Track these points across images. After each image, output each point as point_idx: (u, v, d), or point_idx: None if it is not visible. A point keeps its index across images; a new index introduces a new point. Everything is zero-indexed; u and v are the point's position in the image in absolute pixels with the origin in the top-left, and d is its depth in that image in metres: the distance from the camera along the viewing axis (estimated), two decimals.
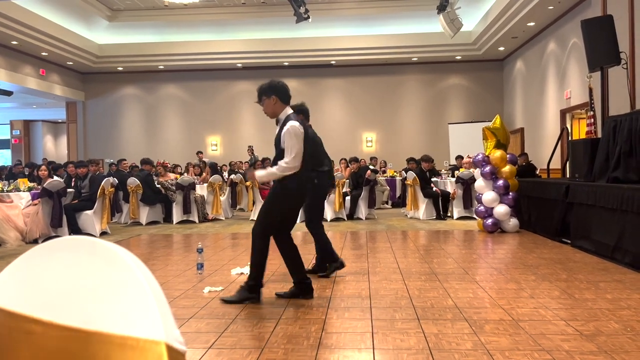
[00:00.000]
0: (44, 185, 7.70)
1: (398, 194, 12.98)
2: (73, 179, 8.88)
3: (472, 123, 14.83)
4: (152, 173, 10.19)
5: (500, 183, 7.79)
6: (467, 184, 9.66)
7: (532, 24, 11.96)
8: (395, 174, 13.61)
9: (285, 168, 3.82)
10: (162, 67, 16.19)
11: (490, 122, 8.47)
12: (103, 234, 8.35)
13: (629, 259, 5.06)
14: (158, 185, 10.05)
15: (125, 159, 12.40)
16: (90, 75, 16.89)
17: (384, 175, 13.56)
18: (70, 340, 0.47)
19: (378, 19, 14.68)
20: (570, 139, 9.90)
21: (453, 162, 13.24)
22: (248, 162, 14.23)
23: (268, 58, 15.55)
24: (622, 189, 5.27)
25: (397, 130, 16.31)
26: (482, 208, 7.97)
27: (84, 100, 17.07)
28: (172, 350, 0.44)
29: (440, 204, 10.05)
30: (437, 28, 12.78)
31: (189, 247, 6.95)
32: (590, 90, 7.72)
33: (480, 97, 16.05)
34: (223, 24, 15.00)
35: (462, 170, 10.24)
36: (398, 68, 16.12)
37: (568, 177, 8.23)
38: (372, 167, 12.35)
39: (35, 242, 7.43)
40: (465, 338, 3.04)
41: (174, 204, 9.92)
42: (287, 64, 16.00)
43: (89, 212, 8.22)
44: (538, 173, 11.15)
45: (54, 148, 22.05)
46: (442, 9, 11.16)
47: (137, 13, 14.68)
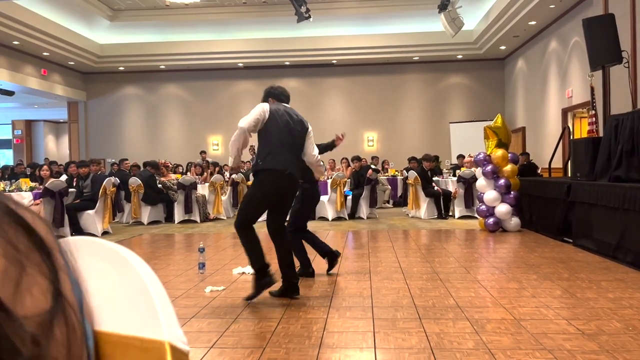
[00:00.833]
0: (46, 185, 7.71)
1: (399, 193, 12.98)
2: (75, 179, 8.89)
3: (473, 122, 14.81)
4: (154, 174, 10.18)
5: (502, 182, 7.79)
6: (468, 183, 9.66)
7: (533, 23, 11.94)
8: (397, 173, 13.60)
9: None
10: (163, 66, 16.19)
11: (492, 121, 8.46)
12: (105, 234, 8.36)
13: (631, 258, 5.06)
14: (160, 185, 10.06)
15: (127, 159, 12.41)
16: (92, 75, 16.90)
17: (386, 175, 13.56)
18: None
19: (379, 18, 14.67)
20: (572, 138, 9.90)
21: (454, 161, 13.24)
22: (249, 161, 14.24)
23: (269, 57, 15.54)
24: (623, 188, 5.26)
25: (398, 130, 16.30)
26: (483, 207, 7.97)
27: (86, 100, 17.08)
28: (175, 350, 0.44)
29: (442, 203, 10.04)
30: (438, 27, 12.76)
31: (191, 246, 6.95)
32: (592, 89, 7.71)
33: (482, 96, 16.03)
34: (224, 24, 15.00)
35: (463, 170, 10.23)
36: (399, 67, 16.10)
37: (570, 176, 8.22)
38: (373, 166, 12.34)
39: None
40: (467, 337, 3.04)
41: (176, 204, 9.93)
42: (288, 64, 15.99)
43: (91, 211, 8.23)
44: (539, 172, 11.13)
45: (56, 148, 22.07)
46: (443, 8, 11.15)
47: (138, 13, 14.69)
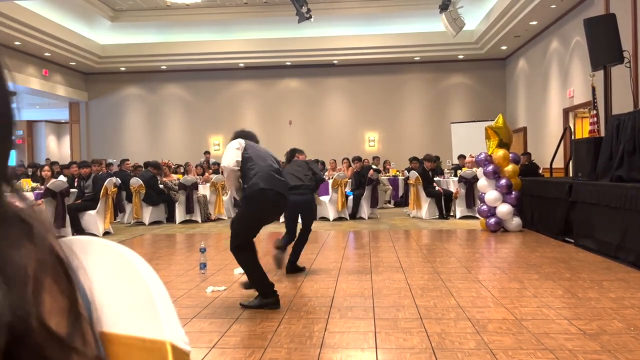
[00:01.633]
0: (47, 186, 7.72)
1: (400, 194, 12.98)
2: (76, 179, 8.89)
3: (474, 122, 14.80)
4: (156, 175, 10.18)
5: (503, 182, 7.78)
6: (469, 183, 9.65)
7: (534, 23, 11.93)
8: (398, 174, 13.60)
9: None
10: (164, 67, 16.20)
11: (493, 121, 8.45)
12: (106, 234, 8.37)
13: (633, 258, 5.05)
14: (161, 186, 10.06)
15: (128, 159, 12.41)
16: (93, 76, 16.92)
17: (387, 175, 13.55)
18: None
19: (380, 19, 14.67)
20: (573, 138, 9.88)
21: (455, 161, 13.22)
22: None
23: (270, 58, 15.54)
24: (625, 188, 5.26)
25: (399, 130, 16.29)
26: (484, 207, 7.96)
27: (87, 101, 17.10)
28: (176, 350, 0.44)
29: (443, 203, 10.03)
30: (439, 27, 12.75)
31: (192, 246, 6.96)
32: (593, 89, 7.70)
33: (483, 96, 16.02)
34: (225, 24, 15.01)
35: (464, 170, 10.23)
36: (400, 67, 16.09)
37: (571, 176, 8.21)
38: (374, 166, 12.34)
39: None
40: (468, 337, 3.03)
41: (177, 204, 9.93)
42: (289, 64, 15.99)
43: (92, 212, 8.23)
44: (541, 172, 11.12)
45: (57, 148, 22.08)
46: (444, 8, 11.15)
47: (139, 13, 14.70)
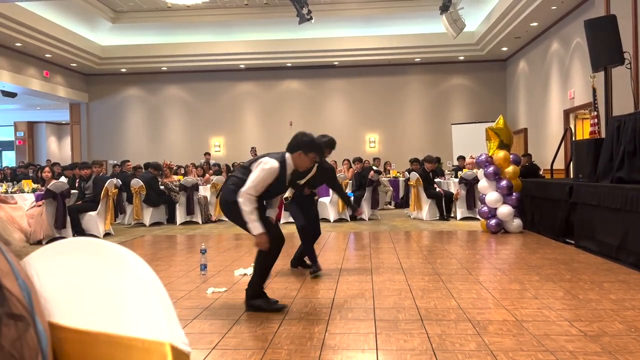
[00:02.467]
0: (48, 187, 7.72)
1: (401, 195, 12.97)
2: (77, 180, 8.90)
3: (475, 123, 14.80)
4: (156, 176, 10.19)
5: (504, 183, 7.78)
6: (470, 185, 9.65)
7: (535, 24, 11.94)
8: (398, 175, 13.60)
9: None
10: (165, 68, 16.22)
11: (494, 122, 8.45)
12: (107, 235, 8.37)
13: (633, 259, 5.05)
14: (162, 187, 10.06)
15: (129, 160, 12.42)
16: (94, 77, 16.93)
17: (387, 176, 13.55)
18: (76, 342, 0.48)
19: (381, 20, 14.67)
20: (574, 139, 9.87)
21: (456, 162, 13.23)
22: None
23: (271, 59, 15.55)
24: (626, 189, 5.25)
25: (400, 131, 16.29)
26: (485, 208, 7.96)
27: (88, 102, 17.11)
28: (176, 351, 0.44)
29: (444, 205, 10.03)
30: (439, 28, 12.76)
31: (193, 248, 6.96)
32: (594, 90, 7.70)
33: (483, 97, 16.02)
34: (226, 25, 15.02)
35: (465, 171, 10.22)
36: (401, 69, 16.10)
37: (572, 177, 8.20)
38: (375, 167, 12.34)
39: (39, 243, 7.45)
40: (469, 339, 3.03)
41: (178, 205, 9.93)
42: (289, 65, 16.00)
43: (93, 213, 8.24)
44: (541, 173, 11.12)
45: (58, 149, 22.10)
46: (444, 10, 11.15)
47: (140, 15, 14.71)
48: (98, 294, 0.47)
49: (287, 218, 9.25)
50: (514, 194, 7.80)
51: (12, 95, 14.78)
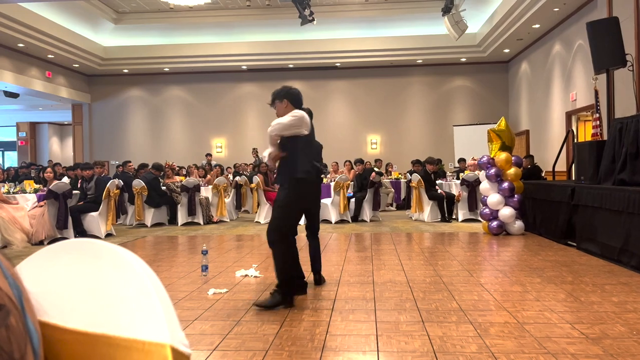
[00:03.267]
0: (50, 187, 7.74)
1: (402, 196, 12.97)
2: (79, 181, 8.91)
3: (477, 125, 14.80)
4: (158, 177, 10.19)
5: (506, 185, 7.77)
6: (472, 186, 9.64)
7: (537, 26, 11.94)
8: (400, 176, 13.60)
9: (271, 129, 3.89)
10: (167, 69, 16.25)
11: (495, 124, 8.45)
12: (108, 236, 8.38)
13: (635, 262, 5.03)
14: (163, 188, 10.07)
15: (131, 161, 12.43)
16: (96, 78, 16.97)
17: (389, 178, 13.55)
18: (76, 344, 0.48)
19: (383, 21, 14.68)
20: (576, 141, 9.87)
21: (457, 164, 13.22)
22: (252, 164, 14.25)
23: (273, 60, 15.58)
24: (628, 192, 5.24)
25: (401, 133, 16.29)
26: (487, 210, 7.95)
27: (90, 103, 17.14)
28: (177, 353, 0.44)
29: (445, 207, 10.02)
30: (442, 30, 12.77)
31: (194, 249, 6.96)
32: (596, 93, 7.69)
33: (485, 99, 16.02)
34: (228, 27, 15.04)
35: (467, 173, 10.22)
36: (403, 70, 16.11)
37: (574, 179, 8.19)
38: (376, 169, 12.34)
39: (41, 243, 7.46)
40: (470, 341, 3.03)
41: (179, 206, 9.94)
42: (291, 66, 16.02)
43: (95, 213, 8.24)
44: (543, 175, 11.11)
45: (60, 150, 22.14)
46: (447, 11, 11.15)
47: (142, 16, 14.74)
48: (98, 296, 0.47)
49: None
50: (516, 196, 7.79)
51: (14, 96, 14.82)
